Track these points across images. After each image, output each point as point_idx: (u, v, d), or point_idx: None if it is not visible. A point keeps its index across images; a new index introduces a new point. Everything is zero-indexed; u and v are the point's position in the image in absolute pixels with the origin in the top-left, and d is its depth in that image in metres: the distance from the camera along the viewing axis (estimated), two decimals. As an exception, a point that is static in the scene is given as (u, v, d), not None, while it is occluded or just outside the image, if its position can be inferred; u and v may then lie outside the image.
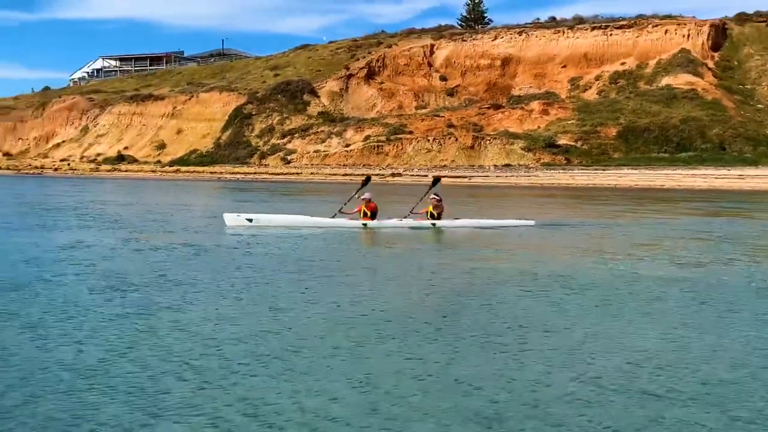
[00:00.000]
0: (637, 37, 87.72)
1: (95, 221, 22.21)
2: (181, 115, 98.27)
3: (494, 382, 6.16)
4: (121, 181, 70.14)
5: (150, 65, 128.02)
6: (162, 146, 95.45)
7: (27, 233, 18.40)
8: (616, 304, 9.69)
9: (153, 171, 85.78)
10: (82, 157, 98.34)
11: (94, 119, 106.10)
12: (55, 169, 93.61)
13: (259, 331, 7.96)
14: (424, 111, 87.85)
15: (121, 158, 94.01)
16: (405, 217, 20.16)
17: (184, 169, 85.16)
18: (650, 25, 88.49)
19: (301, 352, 7.04)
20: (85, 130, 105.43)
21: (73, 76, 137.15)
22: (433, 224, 19.67)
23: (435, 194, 20.12)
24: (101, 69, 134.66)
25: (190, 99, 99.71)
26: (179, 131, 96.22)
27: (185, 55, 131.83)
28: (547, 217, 26.40)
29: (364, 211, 19.22)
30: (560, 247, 17.04)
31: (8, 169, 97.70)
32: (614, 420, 5.28)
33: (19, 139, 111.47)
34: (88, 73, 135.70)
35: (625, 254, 15.14)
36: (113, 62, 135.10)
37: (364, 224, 19.11)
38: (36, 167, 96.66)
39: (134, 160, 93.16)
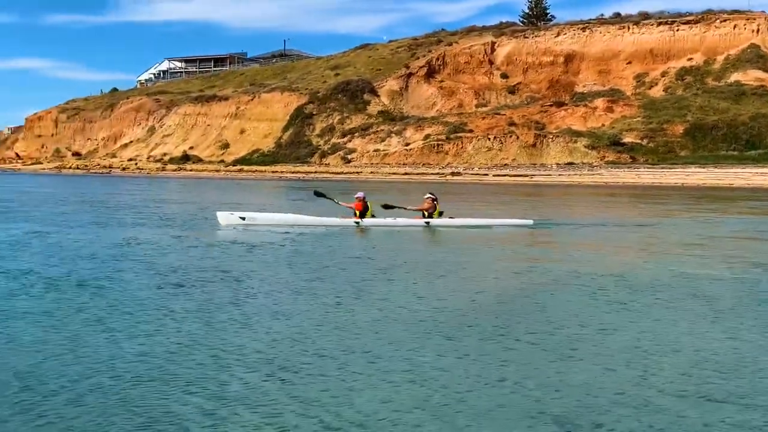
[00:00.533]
0: (705, 32, 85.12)
1: (150, 220, 22.57)
2: (243, 115, 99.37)
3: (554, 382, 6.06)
4: (186, 181, 71.14)
5: (214, 66, 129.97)
6: (225, 146, 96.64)
7: (82, 230, 18.82)
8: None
9: (217, 170, 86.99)
10: (148, 157, 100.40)
11: (160, 120, 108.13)
12: (123, 169, 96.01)
13: (322, 326, 7.97)
14: (484, 109, 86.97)
15: (186, 158, 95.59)
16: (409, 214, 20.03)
17: (246, 168, 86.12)
18: (718, 20, 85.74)
19: (358, 349, 7.04)
20: (152, 130, 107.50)
21: (140, 78, 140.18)
22: (427, 223, 19.34)
23: (430, 193, 19.98)
24: (167, 70, 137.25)
25: (252, 99, 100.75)
26: (242, 131, 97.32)
27: (248, 56, 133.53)
28: (601, 216, 26.07)
29: (354, 210, 19.40)
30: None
31: (78, 168, 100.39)
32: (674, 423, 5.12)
33: (88, 139, 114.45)
34: (154, 74, 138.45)
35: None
36: (178, 64, 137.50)
37: (357, 222, 19.07)
38: (104, 167, 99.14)
39: (199, 160, 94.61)
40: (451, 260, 13.81)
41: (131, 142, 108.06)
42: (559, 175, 66.79)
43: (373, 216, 19.41)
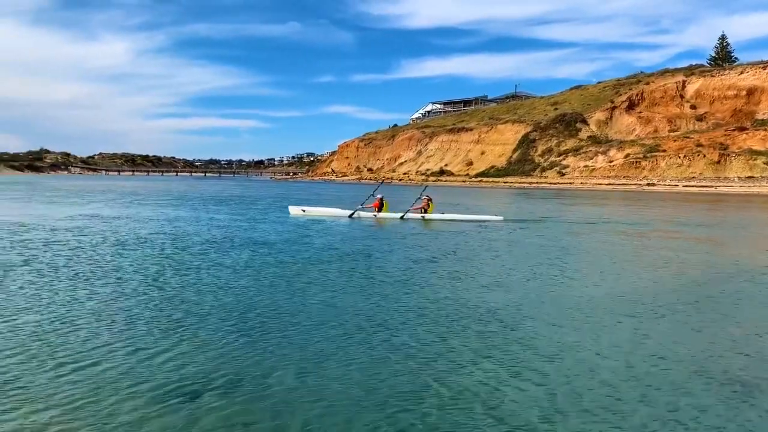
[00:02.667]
0: None
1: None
2: (483, 141, 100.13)
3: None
4: (441, 188, 73.09)
5: (463, 106, 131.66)
6: (470, 163, 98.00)
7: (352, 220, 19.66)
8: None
9: (463, 181, 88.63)
10: (416, 172, 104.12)
11: (425, 146, 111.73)
12: (399, 180, 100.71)
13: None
14: (676, 133, 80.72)
15: (441, 172, 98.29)
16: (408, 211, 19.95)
17: (485, 179, 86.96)
18: None
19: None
20: (419, 153, 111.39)
21: (412, 116, 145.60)
22: (423, 216, 19.32)
23: (426, 195, 20.08)
24: (431, 111, 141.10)
25: (490, 129, 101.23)
26: (482, 152, 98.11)
27: (488, 97, 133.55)
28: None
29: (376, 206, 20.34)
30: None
31: (370, 179, 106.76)
32: None
33: (378, 159, 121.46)
34: (422, 113, 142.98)
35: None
36: (439, 105, 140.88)
37: (375, 215, 19.81)
38: (387, 178, 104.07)
39: (451, 174, 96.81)
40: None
41: (405, 161, 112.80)
42: (740, 186, 60.49)
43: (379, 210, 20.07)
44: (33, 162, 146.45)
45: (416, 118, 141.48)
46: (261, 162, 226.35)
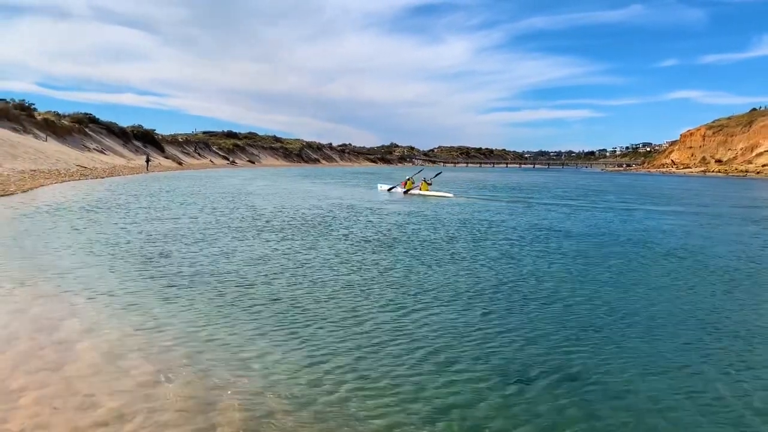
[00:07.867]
0: None
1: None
2: None
3: None
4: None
5: None
6: None
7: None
8: None
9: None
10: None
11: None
12: (756, 173, 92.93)
13: None
14: None
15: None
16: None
17: None
18: None
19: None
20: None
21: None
22: (405, 192, 30.33)
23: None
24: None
25: None
26: None
27: None
28: None
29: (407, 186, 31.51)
30: None
31: (718, 172, 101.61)
32: None
33: (729, 149, 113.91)
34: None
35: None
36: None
37: (405, 191, 30.46)
38: (741, 171, 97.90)
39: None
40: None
41: (764, 152, 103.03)
42: None
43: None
44: (384, 155, 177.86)
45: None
46: (591, 153, 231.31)
